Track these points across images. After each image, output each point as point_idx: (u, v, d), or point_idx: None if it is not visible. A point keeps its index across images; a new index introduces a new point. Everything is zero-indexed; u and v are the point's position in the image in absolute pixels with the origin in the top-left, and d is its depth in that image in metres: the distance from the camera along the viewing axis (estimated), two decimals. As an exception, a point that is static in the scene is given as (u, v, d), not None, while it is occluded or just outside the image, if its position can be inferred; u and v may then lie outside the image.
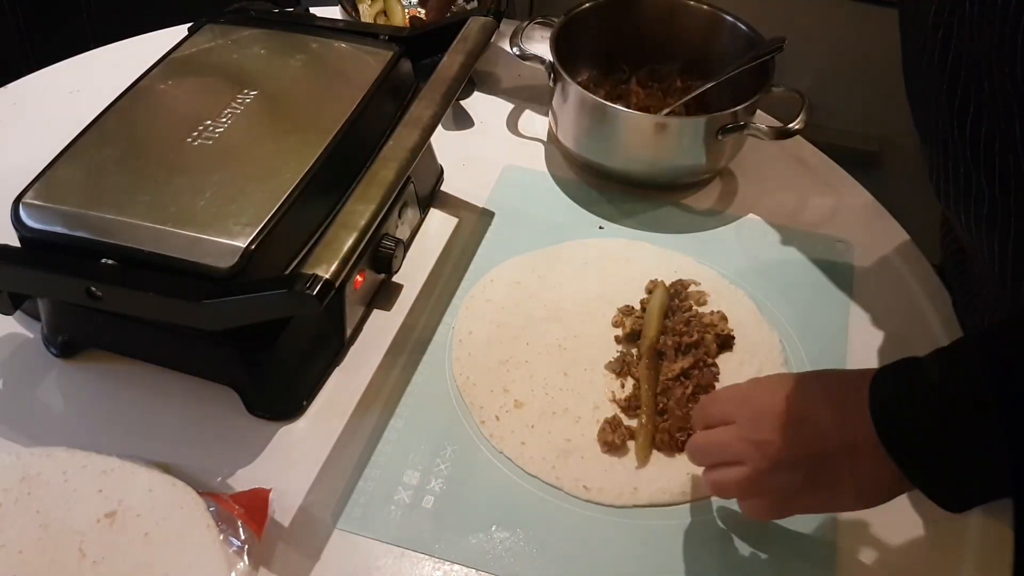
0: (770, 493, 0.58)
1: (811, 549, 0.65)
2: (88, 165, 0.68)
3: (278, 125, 0.74)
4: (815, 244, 0.88)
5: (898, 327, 0.80)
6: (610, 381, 0.74)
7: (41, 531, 0.60)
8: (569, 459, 0.69)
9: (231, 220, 0.64)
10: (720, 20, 0.96)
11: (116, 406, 0.71)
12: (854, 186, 0.95)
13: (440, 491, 0.67)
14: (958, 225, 0.70)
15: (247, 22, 0.84)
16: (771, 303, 0.81)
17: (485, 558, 0.63)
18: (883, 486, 0.55)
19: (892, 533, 0.66)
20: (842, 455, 0.55)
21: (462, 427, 0.71)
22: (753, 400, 0.59)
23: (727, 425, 0.59)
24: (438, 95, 0.73)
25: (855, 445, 0.54)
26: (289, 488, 0.66)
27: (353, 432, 0.70)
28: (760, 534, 0.65)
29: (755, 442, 0.57)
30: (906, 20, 0.69)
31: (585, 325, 0.78)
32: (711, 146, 0.88)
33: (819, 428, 0.56)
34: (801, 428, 0.56)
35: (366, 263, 0.75)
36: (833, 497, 0.57)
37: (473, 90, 1.04)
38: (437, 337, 0.77)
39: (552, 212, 0.91)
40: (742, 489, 0.59)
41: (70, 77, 1.02)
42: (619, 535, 0.65)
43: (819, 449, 0.55)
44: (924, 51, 0.65)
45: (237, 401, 0.71)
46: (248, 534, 0.61)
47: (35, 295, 0.71)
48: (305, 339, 0.71)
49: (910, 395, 0.54)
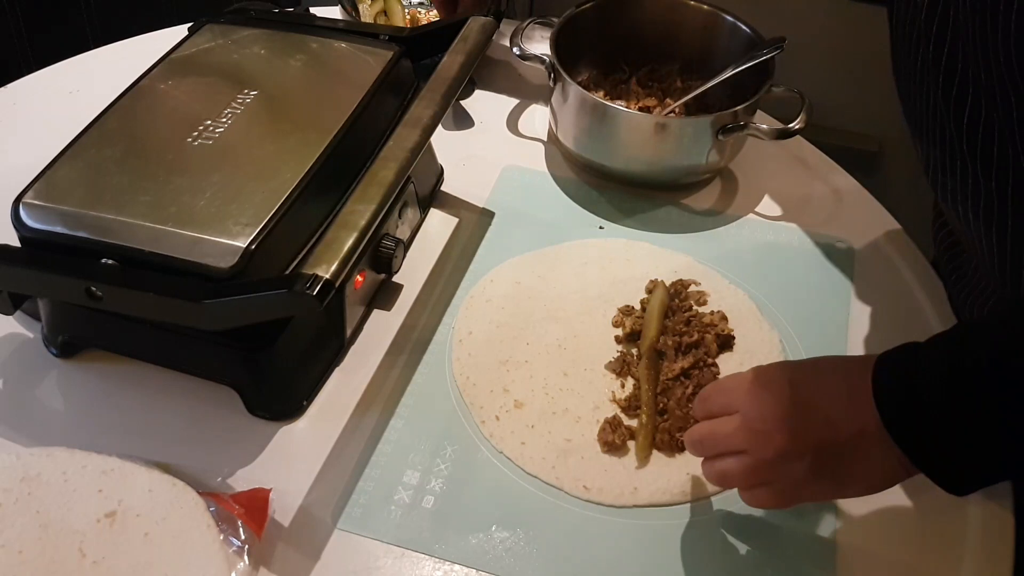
0: (775, 483, 0.57)
1: (811, 547, 0.65)
2: (88, 165, 0.68)
3: (278, 125, 0.74)
4: (815, 244, 0.88)
5: (898, 327, 0.80)
6: (610, 381, 0.74)
7: (41, 531, 0.60)
8: (569, 459, 0.69)
9: (231, 220, 0.64)
10: (720, 20, 0.97)
11: (116, 406, 0.71)
12: (854, 186, 0.95)
13: (440, 491, 0.67)
14: (955, 219, 0.70)
15: (247, 22, 0.84)
16: (771, 303, 0.81)
17: (485, 558, 0.63)
18: (889, 472, 0.55)
19: (892, 530, 0.66)
20: (851, 444, 0.55)
21: (462, 427, 0.71)
22: (756, 389, 0.59)
23: (730, 415, 0.59)
24: (438, 95, 0.73)
25: (863, 433, 0.54)
26: (289, 488, 0.66)
27: (353, 432, 0.70)
28: (760, 533, 0.65)
29: (760, 432, 0.56)
30: (897, 16, 0.69)
31: (585, 325, 0.78)
32: (711, 146, 0.88)
33: (827, 417, 0.55)
34: (808, 417, 0.56)
35: (366, 263, 0.75)
36: (840, 485, 0.57)
37: (473, 90, 1.04)
38: (437, 337, 0.77)
39: (552, 212, 0.91)
40: (747, 478, 0.58)
41: (70, 77, 1.02)
42: (619, 535, 0.65)
43: (828, 438, 0.55)
44: (918, 46, 0.65)
45: (237, 401, 0.71)
46: (248, 534, 0.61)
47: (35, 295, 0.71)
48: (305, 339, 0.71)
49: (912, 380, 0.54)
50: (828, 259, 0.86)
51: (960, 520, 0.66)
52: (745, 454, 0.57)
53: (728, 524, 0.66)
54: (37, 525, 0.60)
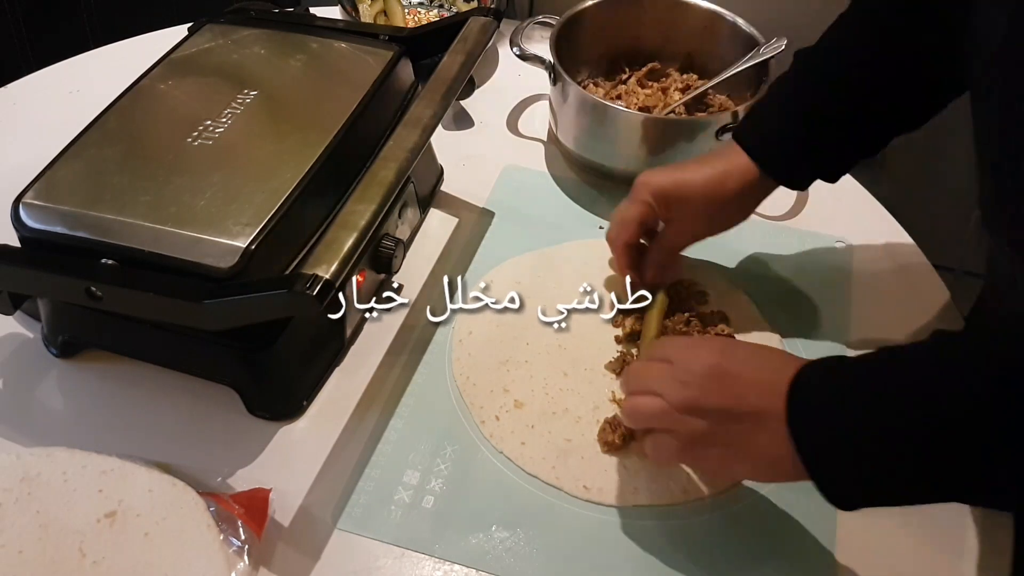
0: (675, 433, 0.59)
1: (811, 549, 0.65)
2: (88, 165, 0.68)
3: (278, 125, 0.74)
4: (815, 244, 0.88)
5: (898, 326, 0.80)
6: (610, 381, 0.74)
7: (41, 531, 0.60)
8: (569, 459, 0.69)
9: (231, 220, 0.64)
10: (720, 20, 0.97)
11: (116, 406, 0.71)
12: (854, 186, 0.95)
13: (440, 491, 0.67)
14: None
15: (247, 22, 0.84)
16: (771, 303, 0.81)
17: (485, 558, 0.63)
18: (778, 463, 0.56)
19: (892, 530, 0.66)
20: (751, 417, 0.56)
21: (462, 427, 0.71)
22: (694, 346, 0.63)
23: (666, 362, 0.61)
24: (438, 95, 0.73)
25: (766, 412, 0.56)
26: (289, 488, 0.66)
27: (353, 432, 0.70)
28: (760, 534, 0.65)
29: (679, 381, 0.59)
30: None
31: (585, 325, 0.78)
32: (711, 146, 0.88)
33: (737, 387, 0.58)
34: (722, 382, 0.58)
35: (366, 263, 0.75)
36: (730, 457, 0.59)
37: (473, 90, 1.04)
38: (437, 337, 0.77)
39: (552, 212, 0.91)
40: (652, 419, 0.61)
41: (70, 77, 1.02)
42: (619, 535, 0.65)
43: (733, 405, 0.57)
44: None
45: (237, 401, 0.71)
46: (248, 534, 0.61)
47: (35, 295, 0.71)
48: (305, 339, 0.71)
49: (828, 383, 0.55)
50: (827, 259, 0.86)
51: (960, 520, 0.66)
52: (660, 397, 0.59)
53: (728, 525, 0.66)
54: (37, 525, 0.60)
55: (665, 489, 0.67)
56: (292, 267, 0.67)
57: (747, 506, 0.67)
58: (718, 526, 0.66)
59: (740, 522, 0.66)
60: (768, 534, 0.65)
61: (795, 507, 0.66)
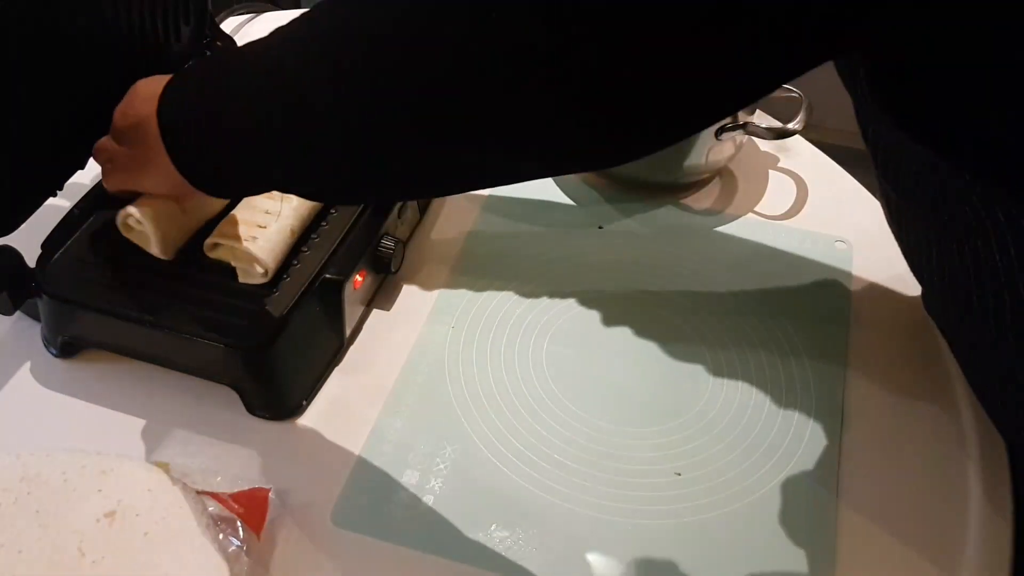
0: (112, 161, 0.66)
1: (811, 548, 0.65)
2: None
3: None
4: (815, 244, 0.88)
5: (898, 326, 0.80)
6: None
7: (41, 531, 0.60)
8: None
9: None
10: (720, 20, 0.96)
11: (116, 406, 0.71)
12: (854, 186, 0.95)
13: (440, 491, 0.67)
14: None
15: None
16: (771, 303, 0.81)
17: (485, 558, 0.63)
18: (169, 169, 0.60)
19: (892, 529, 0.66)
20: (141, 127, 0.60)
21: (462, 427, 0.71)
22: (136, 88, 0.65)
23: None
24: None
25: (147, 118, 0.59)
26: (289, 488, 0.66)
27: (353, 432, 0.70)
28: (760, 533, 0.65)
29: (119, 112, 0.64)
30: None
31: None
32: (711, 146, 0.88)
33: (135, 102, 0.62)
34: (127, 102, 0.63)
35: (366, 263, 0.75)
36: (137, 171, 0.64)
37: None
38: (437, 337, 0.77)
39: (552, 212, 0.91)
40: (97, 154, 0.68)
41: (70, 77, 1.02)
42: (619, 535, 0.65)
43: (128, 122, 0.62)
44: None
45: (237, 401, 0.71)
46: (248, 534, 0.61)
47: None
48: (305, 339, 0.71)
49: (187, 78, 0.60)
50: (828, 259, 0.86)
51: (960, 519, 0.66)
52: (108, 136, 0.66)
53: (727, 524, 0.66)
54: (37, 525, 0.60)
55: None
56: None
57: (747, 505, 0.67)
58: (718, 526, 0.66)
59: (740, 521, 0.66)
60: (768, 533, 0.65)
61: (795, 507, 0.66)
